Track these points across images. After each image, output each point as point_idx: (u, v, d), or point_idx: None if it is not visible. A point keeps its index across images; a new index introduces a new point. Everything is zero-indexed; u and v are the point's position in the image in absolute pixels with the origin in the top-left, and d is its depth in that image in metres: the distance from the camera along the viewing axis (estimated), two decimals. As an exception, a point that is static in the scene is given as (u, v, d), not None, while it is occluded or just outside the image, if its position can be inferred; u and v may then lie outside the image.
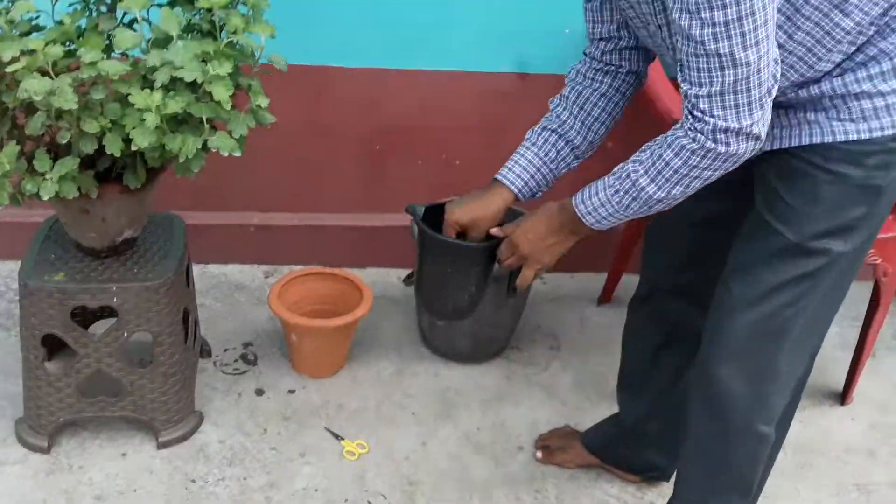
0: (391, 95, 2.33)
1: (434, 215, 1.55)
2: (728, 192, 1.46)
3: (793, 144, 1.26)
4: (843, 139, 1.22)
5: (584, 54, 1.50)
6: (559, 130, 1.47)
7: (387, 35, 2.24)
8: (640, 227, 2.25)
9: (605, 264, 2.52)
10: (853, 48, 1.19)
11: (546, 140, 1.47)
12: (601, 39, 1.44)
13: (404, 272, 2.51)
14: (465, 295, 1.55)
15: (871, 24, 1.17)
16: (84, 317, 1.89)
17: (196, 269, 2.48)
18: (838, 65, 1.21)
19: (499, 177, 1.48)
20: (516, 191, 1.47)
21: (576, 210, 1.34)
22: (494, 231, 1.47)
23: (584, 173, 1.50)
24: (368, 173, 2.47)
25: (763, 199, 1.34)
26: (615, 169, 1.30)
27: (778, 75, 1.15)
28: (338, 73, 2.27)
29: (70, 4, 1.47)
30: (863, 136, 1.21)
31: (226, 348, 2.20)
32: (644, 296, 1.70)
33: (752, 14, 1.05)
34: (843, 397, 2.25)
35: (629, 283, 2.11)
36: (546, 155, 1.46)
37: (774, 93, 1.15)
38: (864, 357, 2.19)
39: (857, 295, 2.02)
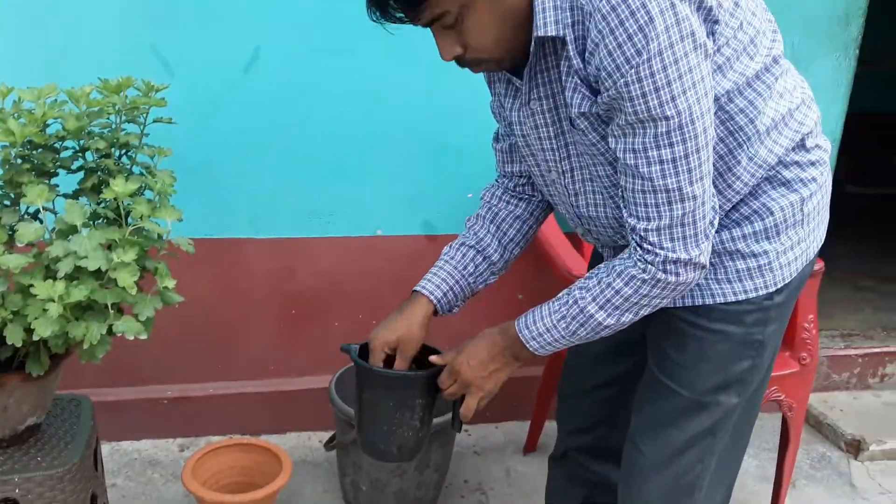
0: (304, 262, 2.39)
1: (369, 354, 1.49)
2: (626, 352, 1.52)
3: (677, 305, 1.31)
4: (721, 301, 1.28)
5: (497, 180, 1.53)
6: (477, 247, 1.48)
7: (298, 206, 2.33)
8: (557, 374, 2.29)
9: (528, 412, 2.53)
10: (738, 198, 1.24)
11: (464, 255, 1.47)
12: (514, 175, 1.49)
13: (324, 435, 2.48)
14: (409, 431, 1.46)
15: (760, 168, 1.23)
16: (-15, 508, 1.78)
17: (107, 448, 2.38)
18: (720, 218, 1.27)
19: (418, 288, 1.46)
20: (435, 301, 1.44)
21: (519, 335, 1.31)
22: (434, 359, 1.42)
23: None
24: (284, 338, 2.47)
25: (655, 359, 1.39)
26: (560, 294, 1.29)
27: (717, 208, 1.18)
28: (250, 244, 2.32)
29: (-29, 199, 1.47)
30: (739, 298, 1.28)
31: (139, 531, 2.09)
32: (560, 455, 1.72)
33: (697, 151, 1.09)
34: (769, 531, 2.27)
35: (554, 428, 2.12)
36: (465, 268, 1.47)
37: (716, 224, 1.19)
38: (783, 489, 2.22)
39: (772, 426, 2.08)
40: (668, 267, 1.16)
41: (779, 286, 1.28)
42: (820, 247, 1.36)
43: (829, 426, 2.73)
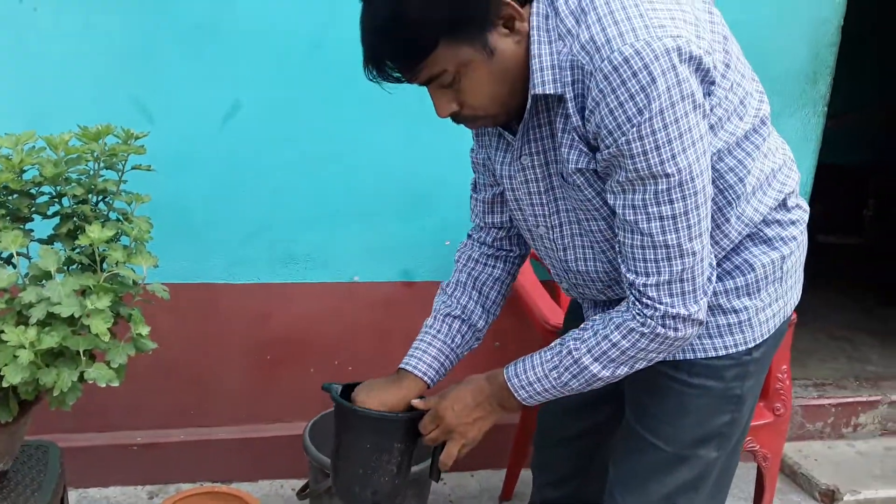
0: (280, 308, 2.38)
1: (350, 395, 1.46)
2: (600, 404, 1.52)
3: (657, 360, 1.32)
4: (702, 356, 1.30)
5: (470, 237, 1.53)
6: (462, 316, 1.47)
7: (274, 252, 2.33)
8: (533, 422, 2.28)
9: (503, 461, 2.51)
10: (722, 254, 1.26)
11: (450, 327, 1.47)
12: (493, 227, 1.50)
13: (297, 483, 2.45)
14: (385, 476, 1.42)
15: (746, 226, 1.25)
16: (-55, 562, 1.73)
17: (74, 495, 2.33)
18: None
19: (409, 368, 1.43)
20: (428, 381, 1.43)
21: (508, 383, 1.30)
22: (416, 403, 1.40)
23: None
24: (259, 384, 2.45)
25: (633, 412, 1.40)
26: (552, 345, 1.28)
27: (714, 264, 1.20)
28: (224, 290, 2.32)
29: (-54, 242, 1.46)
30: (720, 353, 1.29)
31: (104, 582, 2.04)
32: (536, 506, 1.71)
33: (697, 208, 1.11)
34: (745, 583, 2.26)
35: (529, 477, 2.11)
36: (452, 341, 1.46)
37: (714, 280, 1.20)
38: (759, 539, 2.22)
39: (747, 476, 2.08)
40: (668, 322, 1.16)
41: (758, 342, 1.30)
42: (796, 304, 1.38)
43: (804, 476, 2.73)
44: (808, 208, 1.34)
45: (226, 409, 2.44)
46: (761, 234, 1.27)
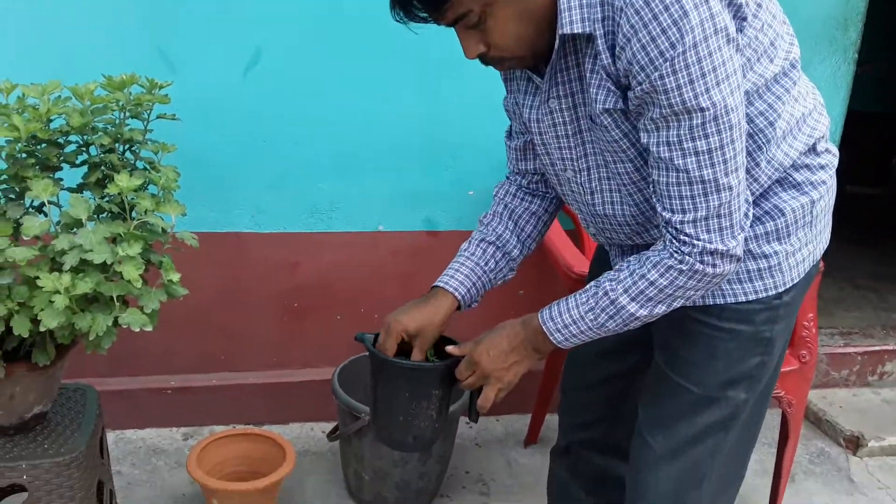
0: (306, 257, 2.41)
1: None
2: (630, 349, 1.53)
3: (688, 304, 1.31)
4: (732, 301, 1.30)
5: (508, 178, 1.54)
6: (497, 243, 1.48)
7: (299, 202, 2.35)
8: (559, 368, 2.31)
9: (529, 406, 2.55)
10: (752, 198, 1.25)
11: (485, 251, 1.47)
12: (528, 172, 1.50)
13: (327, 426, 2.51)
14: (425, 422, 1.43)
15: (776, 171, 1.24)
16: (-8, 494, 1.81)
17: (111, 436, 2.41)
18: None
19: (441, 284, 1.44)
20: (460, 297, 1.43)
21: (543, 327, 1.29)
22: (451, 349, 1.40)
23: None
24: (287, 331, 2.49)
25: (663, 356, 1.41)
26: (586, 287, 1.28)
27: (750, 201, 1.19)
28: (251, 239, 2.35)
29: (-23, 194, 1.50)
30: (749, 297, 1.30)
31: (143, 518, 2.13)
32: (562, 449, 1.73)
33: (732, 143, 1.10)
34: (767, 525, 2.29)
35: (554, 421, 2.14)
36: (486, 265, 1.47)
37: (751, 217, 1.20)
38: (783, 483, 2.24)
39: (771, 422, 2.10)
40: (706, 258, 1.16)
41: (787, 286, 1.30)
42: (825, 249, 1.38)
43: (829, 422, 2.74)
44: (837, 153, 1.32)
45: (256, 355, 2.49)
46: (791, 178, 1.26)
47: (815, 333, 2.14)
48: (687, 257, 1.16)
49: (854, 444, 2.65)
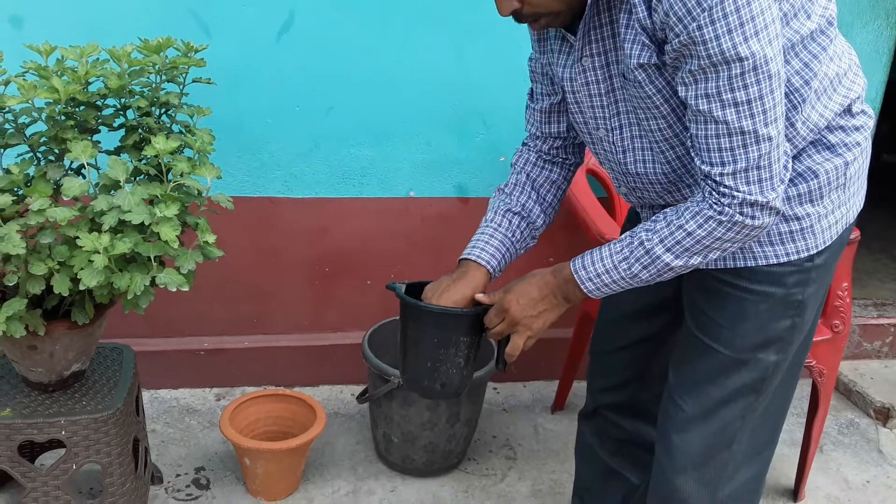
0: (338, 222, 2.43)
1: (414, 294, 1.47)
2: (659, 311, 1.53)
3: (717, 267, 1.32)
4: (764, 263, 1.29)
5: (526, 145, 1.54)
6: (521, 213, 1.49)
7: (330, 167, 2.36)
8: (587, 335, 2.31)
9: (556, 372, 2.57)
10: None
11: (510, 221, 1.48)
12: (549, 136, 1.50)
13: (356, 389, 2.54)
14: (453, 369, 1.44)
15: (811, 132, 1.23)
16: (32, 448, 1.87)
17: (146, 395, 2.47)
18: None
19: (472, 257, 1.44)
20: (491, 270, 1.43)
21: (574, 276, 1.29)
22: (480, 297, 1.40)
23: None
24: (318, 295, 2.52)
25: (693, 319, 1.41)
26: (621, 238, 1.27)
27: (789, 153, 1.18)
28: (284, 203, 2.37)
29: (18, 155, 1.52)
30: (781, 259, 1.29)
31: (178, 474, 2.17)
32: (590, 412, 1.74)
33: (771, 93, 1.09)
34: (795, 494, 2.28)
35: (581, 389, 2.14)
36: (513, 235, 1.47)
37: (790, 169, 1.19)
38: (811, 453, 2.24)
39: (801, 392, 2.09)
40: (745, 210, 1.15)
41: (820, 248, 1.29)
42: (859, 212, 1.36)
43: (859, 393, 2.72)
44: (872, 114, 1.30)
45: (287, 318, 2.53)
46: (825, 140, 1.24)
47: (848, 303, 2.12)
48: (727, 208, 1.15)
49: (884, 415, 2.63)
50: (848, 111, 1.25)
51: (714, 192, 1.16)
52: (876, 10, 2.41)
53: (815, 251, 1.29)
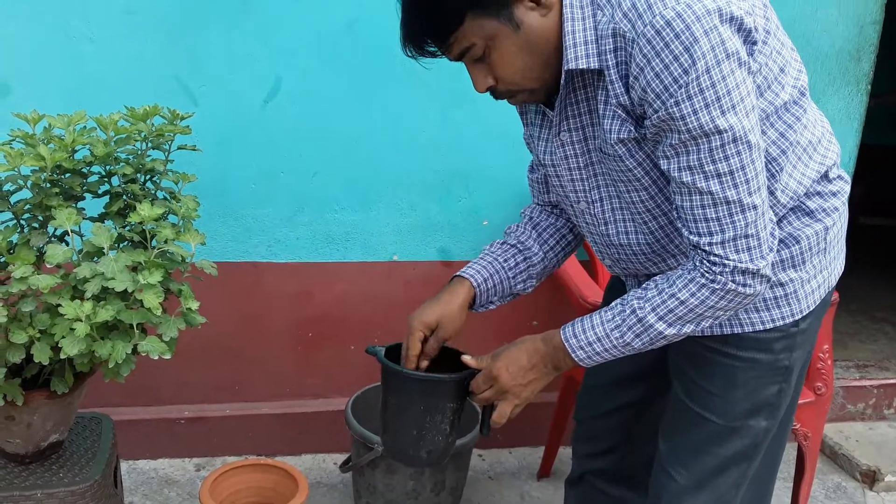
0: (321, 287, 2.43)
1: (394, 356, 1.46)
2: (642, 378, 1.53)
3: (705, 335, 1.32)
4: (750, 329, 1.30)
5: (536, 203, 1.55)
6: (518, 246, 1.49)
7: (314, 232, 2.38)
8: (572, 400, 2.30)
9: (542, 438, 2.54)
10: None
11: (505, 251, 1.49)
12: (549, 205, 1.53)
13: (339, 457, 2.50)
14: (439, 436, 1.40)
15: (790, 199, 1.25)
16: (6, 523, 1.81)
17: (124, 465, 2.41)
18: None
19: (460, 273, 1.46)
20: (476, 285, 1.44)
21: (565, 343, 1.28)
22: (467, 360, 1.38)
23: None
24: (300, 361, 2.50)
25: (682, 387, 1.40)
26: (611, 305, 1.27)
27: (774, 220, 1.19)
28: (267, 268, 2.37)
29: (2, 222, 1.51)
30: (767, 326, 1.30)
31: (155, 550, 2.12)
32: (576, 478, 1.73)
33: (752, 162, 1.11)
34: (785, 560, 2.26)
35: (568, 454, 2.12)
36: (505, 262, 1.47)
37: (777, 237, 1.20)
38: (799, 518, 2.22)
39: (787, 455, 2.07)
40: (738, 278, 1.16)
41: (804, 313, 1.31)
42: (840, 275, 1.38)
43: (845, 456, 2.71)
44: (849, 179, 1.33)
45: (269, 384, 2.50)
46: (804, 206, 1.27)
47: (830, 366, 2.13)
48: (719, 276, 1.16)
49: (871, 478, 2.62)
50: (825, 177, 1.28)
51: (705, 262, 1.17)
52: (846, 77, 2.49)
53: (799, 316, 1.30)
